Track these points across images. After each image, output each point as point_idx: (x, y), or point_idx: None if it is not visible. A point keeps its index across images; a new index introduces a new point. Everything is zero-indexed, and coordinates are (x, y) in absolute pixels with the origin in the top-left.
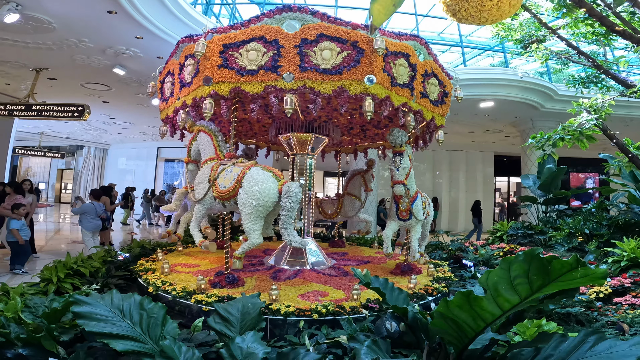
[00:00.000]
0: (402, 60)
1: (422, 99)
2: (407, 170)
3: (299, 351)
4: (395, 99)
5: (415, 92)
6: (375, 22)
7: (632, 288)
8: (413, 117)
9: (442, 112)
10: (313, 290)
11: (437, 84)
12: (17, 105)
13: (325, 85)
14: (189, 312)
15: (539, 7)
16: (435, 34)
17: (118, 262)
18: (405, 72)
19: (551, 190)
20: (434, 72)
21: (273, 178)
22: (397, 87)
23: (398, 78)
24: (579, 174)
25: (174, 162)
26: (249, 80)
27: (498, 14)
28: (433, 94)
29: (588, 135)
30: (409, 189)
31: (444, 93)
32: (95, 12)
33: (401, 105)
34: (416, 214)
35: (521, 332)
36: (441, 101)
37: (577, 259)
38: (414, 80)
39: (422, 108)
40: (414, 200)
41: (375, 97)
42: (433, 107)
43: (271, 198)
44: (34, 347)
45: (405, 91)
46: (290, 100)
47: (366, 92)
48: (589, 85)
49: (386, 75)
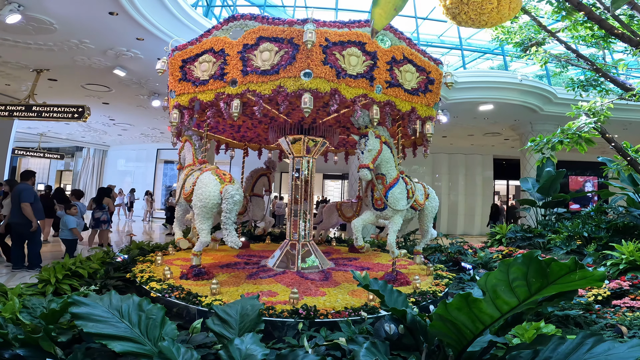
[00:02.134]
0: (354, 49)
1: (392, 89)
2: (375, 153)
3: (297, 353)
4: (347, 92)
5: (379, 82)
6: (376, 26)
7: (631, 291)
8: (377, 109)
9: (427, 101)
10: (267, 291)
11: (414, 71)
12: (17, 106)
13: (265, 87)
14: (187, 313)
15: (538, 10)
16: (435, 37)
17: (117, 263)
18: (358, 62)
19: (550, 193)
20: (408, 57)
21: (216, 181)
22: (347, 79)
23: (348, 69)
24: (577, 177)
25: (174, 164)
26: (202, 90)
27: (498, 17)
28: (409, 82)
29: (587, 139)
30: (385, 174)
31: (427, 80)
32: (96, 13)
33: (358, 97)
34: (392, 203)
35: (520, 334)
36: (424, 89)
37: (575, 262)
38: (374, 69)
39: (393, 98)
40: (391, 187)
41: (316, 92)
42: (410, 97)
43: (212, 200)
44: (32, 348)
45: (361, 82)
46: (235, 105)
47: (304, 88)
48: (588, 88)
49: (329, 67)
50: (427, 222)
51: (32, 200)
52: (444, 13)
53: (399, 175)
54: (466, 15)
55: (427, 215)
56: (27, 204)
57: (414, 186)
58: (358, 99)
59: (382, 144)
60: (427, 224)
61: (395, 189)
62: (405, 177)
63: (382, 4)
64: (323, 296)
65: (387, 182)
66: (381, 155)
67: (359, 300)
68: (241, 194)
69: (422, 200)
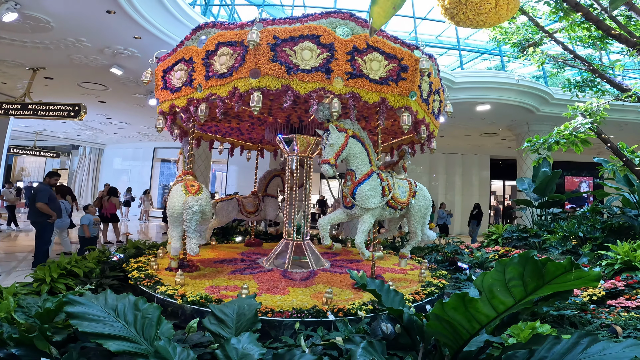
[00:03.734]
0: (307, 43)
1: (355, 80)
2: (338, 147)
3: (294, 352)
4: (300, 87)
5: (338, 74)
6: (374, 25)
7: (626, 291)
8: (338, 102)
9: (400, 91)
10: (233, 285)
11: (381, 59)
12: (13, 104)
13: (223, 89)
14: (183, 313)
15: (536, 10)
16: (433, 37)
17: (112, 262)
18: (312, 56)
19: (546, 193)
20: (374, 45)
21: (181, 193)
22: (300, 74)
23: (301, 64)
24: (573, 177)
25: (170, 163)
26: (177, 96)
27: (496, 17)
28: (375, 71)
29: (583, 139)
30: (354, 170)
31: (399, 68)
32: (94, 11)
33: (314, 91)
34: (360, 201)
35: (515, 334)
36: (395, 78)
37: (571, 262)
38: (331, 62)
39: (356, 90)
40: (360, 183)
41: (266, 91)
42: (378, 87)
43: (176, 210)
44: (27, 347)
45: (316, 75)
46: (201, 109)
47: (253, 87)
48: (584, 89)
49: (279, 64)
50: (415, 222)
51: (46, 200)
52: (442, 13)
53: (371, 171)
54: (464, 16)
55: (413, 215)
56: (41, 203)
57: (392, 183)
58: (314, 93)
59: (350, 137)
60: (414, 225)
61: (365, 185)
62: (381, 172)
63: (381, 3)
64: (283, 295)
65: (356, 179)
66: (347, 150)
67: (314, 302)
68: (200, 205)
69: (403, 198)
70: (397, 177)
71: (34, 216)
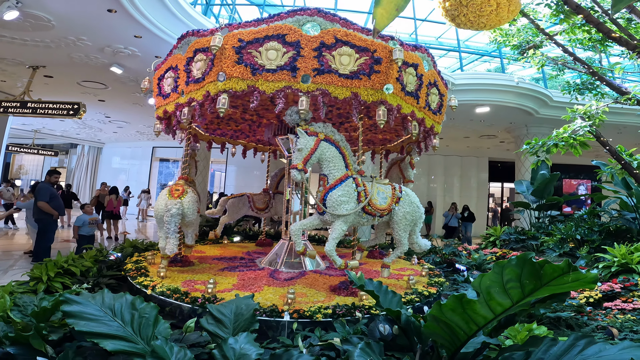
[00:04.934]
0: (273, 43)
1: (323, 76)
2: (306, 152)
3: (292, 353)
4: (266, 87)
5: (304, 71)
6: (378, 26)
7: (622, 293)
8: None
9: (373, 84)
10: (213, 280)
11: (351, 53)
12: (12, 102)
13: (198, 93)
14: (181, 312)
15: (537, 12)
16: (433, 39)
17: (109, 261)
18: (278, 55)
19: (544, 196)
20: (343, 39)
21: (165, 196)
22: (265, 74)
23: (267, 64)
24: (571, 180)
25: (169, 162)
26: (167, 102)
27: (496, 20)
28: (345, 65)
29: (582, 142)
30: (327, 175)
31: (372, 60)
32: (95, 10)
33: (280, 90)
34: (331, 207)
35: (512, 335)
36: (368, 72)
37: (568, 264)
38: (297, 59)
39: (325, 86)
40: (331, 189)
41: (234, 92)
42: (349, 82)
43: (159, 212)
44: (23, 346)
45: (282, 74)
46: (184, 112)
47: (220, 90)
48: (583, 91)
49: (244, 66)
50: (399, 230)
51: (47, 199)
52: (443, 15)
53: (346, 176)
54: (465, 17)
55: (396, 222)
56: (42, 202)
57: (369, 188)
58: (281, 92)
59: (321, 141)
60: (398, 233)
61: (336, 191)
62: (358, 177)
63: (384, 4)
64: (255, 292)
65: (328, 184)
66: (318, 154)
67: (276, 301)
68: (179, 208)
69: (383, 204)
70: (379, 182)
71: (36, 214)
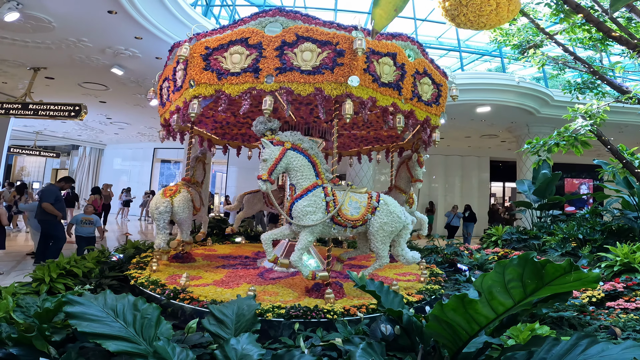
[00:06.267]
0: (237, 47)
1: (285, 74)
2: (271, 162)
3: (293, 353)
4: (231, 89)
5: (267, 72)
6: (376, 27)
7: (625, 292)
8: (270, 99)
9: (336, 78)
10: (198, 275)
11: (314, 49)
12: (14, 104)
13: (180, 100)
14: (182, 313)
15: (536, 12)
16: (434, 39)
17: (112, 262)
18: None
19: (546, 195)
20: (304, 35)
21: (159, 196)
22: (230, 78)
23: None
24: (573, 179)
25: (170, 163)
26: (165, 110)
27: (496, 19)
28: (307, 62)
29: (583, 141)
30: (295, 184)
31: (335, 54)
32: (95, 11)
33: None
34: (296, 217)
35: (514, 335)
36: (330, 66)
37: (570, 263)
38: (259, 61)
39: (287, 84)
40: (297, 199)
41: (203, 97)
42: (311, 78)
43: (152, 210)
44: (25, 347)
45: (246, 76)
46: (175, 118)
47: (191, 95)
48: (584, 91)
49: (210, 72)
50: (375, 242)
51: (51, 200)
52: (443, 15)
53: (314, 185)
54: (465, 17)
55: (372, 234)
56: (46, 203)
57: (340, 197)
58: (245, 94)
59: (288, 150)
60: (375, 245)
61: (302, 201)
62: (328, 186)
63: (383, 5)
64: (227, 289)
65: (295, 193)
66: (285, 164)
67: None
68: (167, 207)
69: (355, 214)
70: (355, 191)
71: (40, 215)
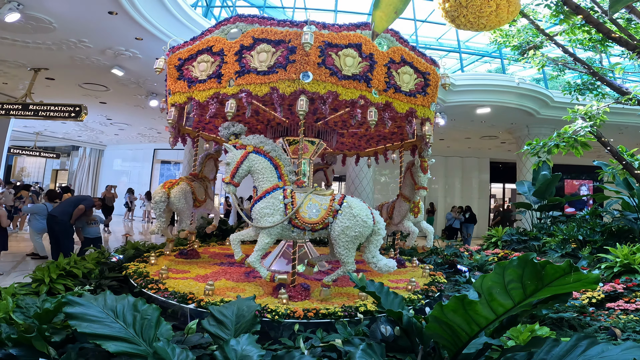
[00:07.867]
0: (204, 56)
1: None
2: (232, 166)
3: (293, 354)
4: (199, 95)
5: (228, 77)
6: (377, 29)
7: (625, 293)
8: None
9: (289, 76)
10: (186, 270)
11: (269, 49)
12: (14, 104)
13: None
14: (182, 314)
15: (536, 13)
16: (433, 40)
17: (111, 263)
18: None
19: (545, 196)
20: (260, 37)
21: (159, 187)
22: (197, 85)
23: (200, 76)
24: (573, 181)
25: (170, 164)
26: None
27: (496, 20)
28: (263, 62)
29: (583, 143)
30: (257, 187)
31: (288, 51)
32: (96, 12)
33: (210, 98)
34: (254, 220)
35: (514, 336)
36: (284, 63)
37: (570, 264)
38: (222, 66)
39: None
40: (256, 201)
41: (178, 104)
42: (266, 78)
43: (152, 201)
44: (25, 348)
45: (210, 83)
46: (169, 124)
47: (171, 102)
48: (584, 92)
49: (183, 81)
50: (337, 247)
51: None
52: (443, 16)
53: (274, 187)
54: (465, 18)
55: (334, 238)
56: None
57: (299, 200)
58: (211, 99)
59: (250, 153)
60: (337, 251)
61: (260, 203)
62: (287, 188)
63: (383, 7)
64: (202, 283)
65: (256, 195)
66: (247, 167)
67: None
68: (161, 197)
69: (314, 217)
70: (318, 193)
71: (65, 215)
